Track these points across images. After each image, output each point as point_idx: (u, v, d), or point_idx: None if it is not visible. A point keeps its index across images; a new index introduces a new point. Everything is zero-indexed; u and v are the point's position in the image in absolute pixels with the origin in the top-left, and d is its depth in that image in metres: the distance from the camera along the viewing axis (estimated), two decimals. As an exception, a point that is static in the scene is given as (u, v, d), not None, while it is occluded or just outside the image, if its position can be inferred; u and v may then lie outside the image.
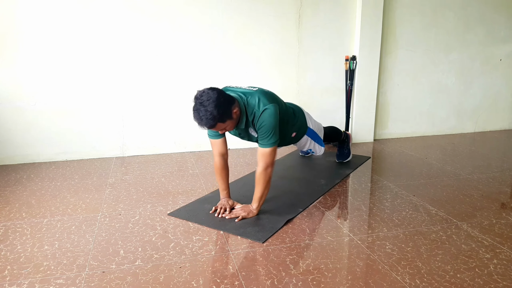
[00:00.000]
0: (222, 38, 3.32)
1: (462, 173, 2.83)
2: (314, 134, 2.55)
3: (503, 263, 1.63)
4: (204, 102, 1.76)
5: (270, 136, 1.95)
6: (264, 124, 1.93)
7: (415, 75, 3.90)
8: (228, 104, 1.84)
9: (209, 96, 1.77)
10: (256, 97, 1.96)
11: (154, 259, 1.68)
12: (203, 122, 1.79)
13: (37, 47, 2.97)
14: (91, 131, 3.22)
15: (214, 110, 1.76)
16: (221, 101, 1.78)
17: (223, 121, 1.84)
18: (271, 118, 1.93)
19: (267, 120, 1.92)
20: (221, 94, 1.81)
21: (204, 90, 1.82)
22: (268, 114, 1.92)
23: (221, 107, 1.78)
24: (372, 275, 1.56)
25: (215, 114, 1.76)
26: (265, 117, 1.92)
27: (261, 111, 1.93)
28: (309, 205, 2.25)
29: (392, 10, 3.66)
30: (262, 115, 1.93)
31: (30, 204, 2.30)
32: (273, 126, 1.94)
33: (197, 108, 1.78)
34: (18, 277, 1.56)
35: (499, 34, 4.06)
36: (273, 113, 1.93)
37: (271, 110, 1.93)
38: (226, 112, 1.82)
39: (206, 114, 1.76)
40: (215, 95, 1.78)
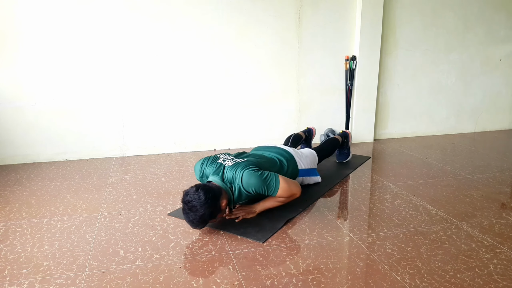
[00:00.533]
0: (222, 38, 3.32)
1: (462, 173, 2.83)
2: (307, 171, 2.51)
3: (503, 263, 1.63)
4: (192, 207, 1.79)
5: (269, 185, 1.97)
6: (254, 185, 1.95)
7: (415, 75, 3.90)
8: (215, 200, 1.85)
9: (196, 200, 1.79)
10: (232, 171, 1.99)
11: (154, 259, 1.68)
12: (195, 225, 1.85)
13: (37, 47, 2.97)
14: (91, 131, 3.22)
15: (204, 213, 1.80)
16: (209, 202, 1.80)
17: (215, 217, 1.89)
18: (252, 179, 1.94)
19: (251, 182, 1.94)
20: (208, 194, 1.81)
21: (189, 193, 1.83)
22: (246, 179, 1.94)
23: (210, 207, 1.81)
24: (372, 275, 1.56)
25: (205, 217, 1.82)
26: (247, 182, 1.94)
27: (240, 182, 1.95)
28: (309, 205, 2.25)
29: (392, 10, 3.66)
30: (243, 183, 1.94)
31: (30, 204, 2.30)
32: (262, 180, 1.95)
33: (187, 212, 1.82)
34: (18, 277, 1.56)
35: (499, 34, 4.06)
36: (248, 173, 1.94)
37: (246, 173, 1.94)
38: (215, 210, 1.85)
39: (196, 218, 1.80)
40: (202, 197, 1.79)
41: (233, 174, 1.98)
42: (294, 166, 2.37)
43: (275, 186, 1.98)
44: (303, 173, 2.45)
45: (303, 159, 2.48)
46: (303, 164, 2.46)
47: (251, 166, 2.00)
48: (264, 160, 2.21)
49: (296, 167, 2.39)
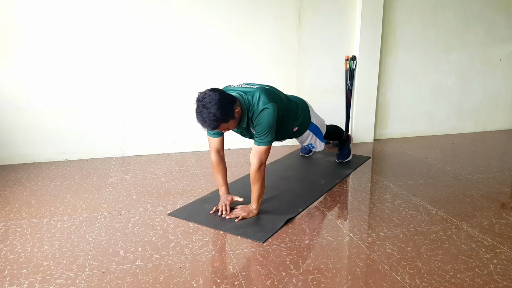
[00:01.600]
0: (223, 38, 3.32)
1: (462, 173, 2.83)
2: (317, 129, 2.56)
3: (503, 263, 1.63)
4: (207, 104, 1.78)
5: (266, 134, 1.97)
6: (261, 122, 1.95)
7: (415, 75, 3.90)
8: (230, 104, 1.85)
9: (211, 97, 1.79)
10: (257, 95, 1.98)
11: (154, 259, 1.68)
12: (207, 124, 1.82)
13: (37, 47, 2.97)
14: (91, 131, 3.22)
15: (217, 112, 1.78)
16: (223, 102, 1.80)
17: (226, 121, 1.86)
18: (269, 118, 1.95)
19: (265, 119, 1.95)
20: (222, 95, 1.83)
21: (205, 92, 1.83)
22: (266, 114, 1.94)
23: (224, 108, 1.80)
24: (372, 275, 1.56)
25: (218, 115, 1.79)
26: (263, 116, 1.95)
27: (259, 110, 1.95)
28: (309, 205, 2.26)
29: (392, 10, 3.66)
30: (260, 114, 1.95)
31: (30, 204, 2.30)
32: (270, 126, 1.96)
33: (200, 110, 1.80)
34: (18, 277, 1.56)
35: (499, 34, 4.06)
36: (271, 113, 1.95)
37: (270, 110, 1.95)
38: (228, 113, 1.84)
39: (209, 116, 1.78)
40: (217, 96, 1.79)
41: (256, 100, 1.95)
42: (306, 114, 2.44)
43: (268, 139, 1.97)
44: (313, 128, 2.50)
45: (315, 115, 2.57)
46: (315, 120, 2.53)
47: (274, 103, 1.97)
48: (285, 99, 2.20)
49: (309, 118, 2.46)
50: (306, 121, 2.44)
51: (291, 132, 2.41)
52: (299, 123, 2.40)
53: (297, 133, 2.47)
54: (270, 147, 2.02)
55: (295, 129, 2.40)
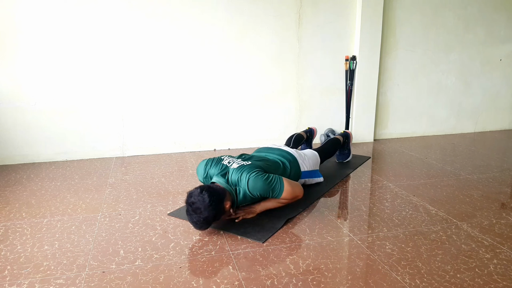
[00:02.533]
0: (223, 38, 3.32)
1: (462, 173, 2.83)
2: (309, 173, 2.51)
3: (503, 263, 1.63)
4: (196, 210, 1.79)
5: (273, 189, 1.99)
6: (260, 189, 1.96)
7: (415, 75, 3.90)
8: (219, 203, 1.85)
9: (200, 202, 1.79)
10: (238, 173, 1.99)
11: (154, 259, 1.68)
12: (198, 226, 1.85)
13: (36, 47, 2.97)
14: (91, 131, 3.22)
15: (208, 215, 1.80)
16: (213, 205, 1.80)
17: (218, 219, 1.89)
18: (258, 183, 1.95)
19: (257, 186, 1.95)
20: (212, 196, 1.81)
21: (193, 194, 1.82)
22: (253, 183, 1.94)
23: (214, 210, 1.81)
24: (372, 275, 1.56)
25: (209, 219, 1.81)
26: (255, 185, 1.95)
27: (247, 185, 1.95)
28: (309, 205, 2.25)
29: (392, 10, 3.66)
30: (250, 186, 1.95)
31: (30, 204, 2.30)
32: (267, 184, 1.96)
33: (191, 214, 1.81)
34: (18, 277, 1.56)
35: (499, 34, 4.06)
36: (255, 178, 1.95)
37: (252, 177, 1.95)
38: (219, 211, 1.85)
39: (200, 220, 1.80)
40: (207, 200, 1.79)
41: (238, 177, 1.98)
42: (296, 169, 2.38)
43: (279, 189, 2.00)
44: (305, 175, 2.46)
45: (305, 161, 2.48)
46: (305, 166, 2.46)
47: (256, 169, 2.01)
48: (268, 163, 2.21)
49: (299, 170, 2.40)
50: (297, 174, 2.39)
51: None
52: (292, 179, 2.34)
53: None
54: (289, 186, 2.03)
55: None
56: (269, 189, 1.98)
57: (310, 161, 2.52)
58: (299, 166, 2.40)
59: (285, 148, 2.50)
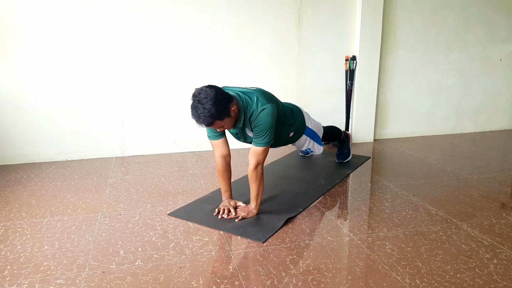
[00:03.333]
0: (222, 38, 3.32)
1: (462, 173, 2.83)
2: (313, 133, 2.54)
3: (503, 263, 1.63)
4: (202, 100, 1.76)
5: (265, 135, 1.96)
6: (261, 123, 1.94)
7: (415, 75, 3.90)
8: (226, 101, 1.83)
9: (207, 93, 1.77)
10: (255, 96, 1.97)
11: (154, 259, 1.68)
12: (201, 120, 1.79)
13: (36, 47, 2.97)
14: (91, 131, 3.22)
15: (212, 108, 1.76)
16: (219, 99, 1.78)
17: (221, 119, 1.84)
18: (268, 118, 1.93)
19: (264, 119, 1.93)
20: (219, 92, 1.81)
21: (202, 88, 1.82)
22: (265, 114, 1.93)
23: (219, 105, 1.78)
24: (372, 275, 1.56)
25: (213, 112, 1.77)
26: (263, 116, 1.93)
27: (259, 110, 1.93)
28: (309, 205, 2.25)
29: (392, 10, 3.66)
30: (260, 114, 1.93)
31: (30, 204, 2.30)
32: (270, 126, 1.95)
33: (195, 106, 1.78)
34: (18, 277, 1.56)
35: (499, 34, 4.06)
36: (271, 113, 1.94)
37: (269, 110, 1.94)
38: (224, 110, 1.82)
39: (204, 112, 1.76)
40: (213, 93, 1.78)
41: (255, 100, 1.93)
42: (301, 120, 2.42)
43: (267, 140, 1.96)
44: (309, 133, 2.47)
45: (310, 120, 2.55)
46: (310, 124, 2.50)
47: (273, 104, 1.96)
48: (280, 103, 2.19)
49: (304, 123, 2.43)
50: (301, 126, 2.42)
51: (287, 138, 2.39)
52: (295, 128, 2.39)
53: (293, 138, 2.45)
54: (268, 148, 2.01)
55: (290, 134, 2.38)
56: (263, 130, 1.93)
57: (314, 122, 2.59)
58: (304, 119, 2.44)
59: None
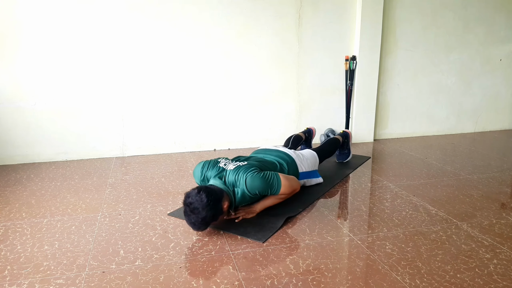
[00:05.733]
0: (223, 38, 3.32)
1: (462, 173, 2.83)
2: (308, 174, 2.51)
3: (503, 263, 1.63)
4: (195, 210, 1.78)
5: (271, 185, 2.00)
6: (258, 187, 1.97)
7: (415, 75, 3.90)
8: (217, 202, 1.85)
9: (198, 202, 1.78)
10: (234, 174, 2.00)
11: (154, 259, 1.68)
12: (196, 227, 1.85)
13: (37, 47, 2.97)
14: (91, 131, 3.22)
15: (206, 215, 1.79)
16: (211, 205, 1.80)
17: (216, 219, 1.88)
18: (256, 181, 1.96)
19: (255, 184, 1.96)
20: (209, 197, 1.80)
21: (191, 195, 1.82)
22: (250, 182, 1.95)
23: (212, 210, 1.80)
24: (372, 275, 1.56)
25: (207, 219, 1.81)
26: (251, 185, 1.95)
27: (245, 184, 1.95)
28: (309, 205, 2.25)
29: (392, 10, 3.66)
30: (248, 185, 1.95)
31: (30, 204, 2.30)
32: (265, 181, 1.98)
33: (189, 214, 1.81)
34: (18, 277, 1.56)
35: (499, 34, 4.06)
36: (252, 176, 1.96)
37: (249, 176, 1.96)
38: (217, 212, 1.85)
39: (198, 220, 1.80)
40: (204, 200, 1.78)
41: (235, 177, 1.99)
42: (294, 170, 2.37)
43: (277, 185, 2.01)
44: (304, 176, 2.45)
45: (304, 162, 2.47)
46: (304, 167, 2.45)
47: (253, 168, 2.01)
48: (265, 164, 2.21)
49: (297, 171, 2.40)
50: (295, 175, 2.37)
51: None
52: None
53: None
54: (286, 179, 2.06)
55: None
56: (267, 186, 1.98)
57: (308, 161, 2.51)
58: (297, 167, 2.40)
59: (283, 149, 2.49)
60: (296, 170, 2.39)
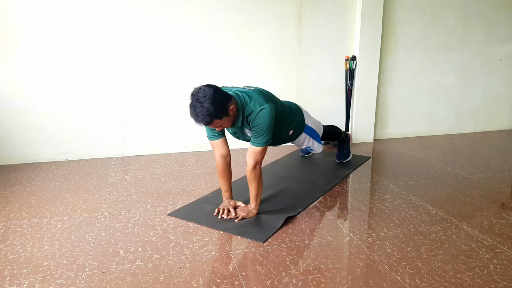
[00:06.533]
0: (222, 38, 3.32)
1: (462, 173, 2.83)
2: (313, 131, 2.54)
3: (503, 263, 1.63)
4: (200, 98, 1.77)
5: (263, 135, 1.96)
6: (260, 123, 1.94)
7: (415, 75, 3.90)
8: (224, 100, 1.84)
9: (205, 92, 1.78)
10: (253, 95, 1.97)
11: (154, 259, 1.68)
12: (200, 119, 1.79)
13: (37, 47, 2.97)
14: (91, 131, 3.22)
15: (211, 107, 1.76)
16: (217, 98, 1.79)
17: (220, 118, 1.84)
18: (267, 118, 1.94)
19: (263, 119, 1.93)
20: (217, 91, 1.82)
21: (200, 87, 1.83)
22: (264, 114, 1.93)
23: (218, 104, 1.79)
24: (372, 275, 1.56)
25: (211, 110, 1.77)
26: (261, 116, 1.93)
27: (258, 110, 1.93)
28: (309, 205, 2.25)
29: (392, 10, 3.66)
30: (259, 114, 1.93)
31: (30, 204, 2.30)
32: (268, 126, 1.95)
33: (194, 104, 1.79)
34: (18, 277, 1.56)
35: (499, 34, 4.06)
36: (269, 112, 1.94)
37: (268, 110, 1.94)
38: (222, 109, 1.82)
39: (202, 111, 1.77)
40: (212, 92, 1.78)
41: (254, 100, 1.94)
42: (300, 117, 2.42)
43: (265, 140, 1.96)
44: (308, 131, 2.47)
45: (310, 118, 2.55)
46: (309, 122, 2.50)
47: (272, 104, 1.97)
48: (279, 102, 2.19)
49: (303, 120, 2.43)
50: (301, 124, 2.42)
51: (287, 136, 2.40)
52: (294, 126, 2.39)
53: (293, 136, 2.45)
54: (266, 148, 2.02)
55: (290, 132, 2.38)
56: (262, 130, 1.93)
57: (313, 120, 2.58)
58: (303, 117, 2.44)
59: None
60: (302, 120, 2.44)
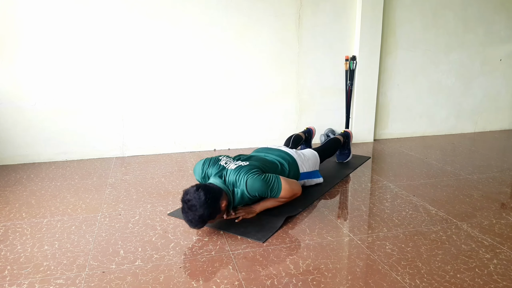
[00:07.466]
0: (222, 38, 3.32)
1: (462, 173, 2.83)
2: (309, 174, 2.50)
3: (503, 263, 1.63)
4: (192, 207, 1.78)
5: (272, 188, 2.00)
6: (258, 189, 1.96)
7: (415, 75, 3.90)
8: (215, 201, 1.84)
9: (196, 199, 1.78)
10: (235, 174, 1.99)
11: (154, 259, 1.68)
12: (193, 225, 1.83)
13: (37, 47, 2.97)
14: (91, 131, 3.22)
15: (203, 213, 1.78)
16: (208, 202, 1.79)
17: (213, 218, 1.87)
18: (256, 183, 1.95)
19: (255, 186, 1.95)
20: (208, 193, 1.80)
21: (189, 192, 1.82)
22: (251, 184, 1.95)
23: (210, 207, 1.80)
24: (372, 275, 1.56)
25: (204, 217, 1.80)
26: (251, 186, 1.95)
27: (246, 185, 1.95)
28: (309, 205, 2.25)
29: (392, 10, 3.66)
30: (249, 186, 1.95)
31: (30, 204, 2.30)
32: (265, 184, 1.97)
33: (186, 212, 1.80)
34: (18, 277, 1.56)
35: (499, 34, 4.06)
36: (252, 178, 1.95)
37: (250, 178, 1.95)
38: (214, 210, 1.84)
39: (195, 218, 1.79)
40: (203, 198, 1.78)
41: (235, 177, 1.98)
42: (295, 170, 2.37)
43: (277, 188, 2.01)
44: (304, 176, 2.45)
45: (305, 162, 2.47)
46: (305, 167, 2.45)
47: (254, 170, 2.01)
48: (266, 164, 2.20)
49: (298, 171, 2.39)
50: (296, 175, 2.38)
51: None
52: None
53: None
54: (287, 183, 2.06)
55: None
56: (267, 189, 1.98)
57: (309, 161, 2.51)
58: (298, 167, 2.39)
59: (284, 148, 2.48)
60: (297, 170, 2.38)
